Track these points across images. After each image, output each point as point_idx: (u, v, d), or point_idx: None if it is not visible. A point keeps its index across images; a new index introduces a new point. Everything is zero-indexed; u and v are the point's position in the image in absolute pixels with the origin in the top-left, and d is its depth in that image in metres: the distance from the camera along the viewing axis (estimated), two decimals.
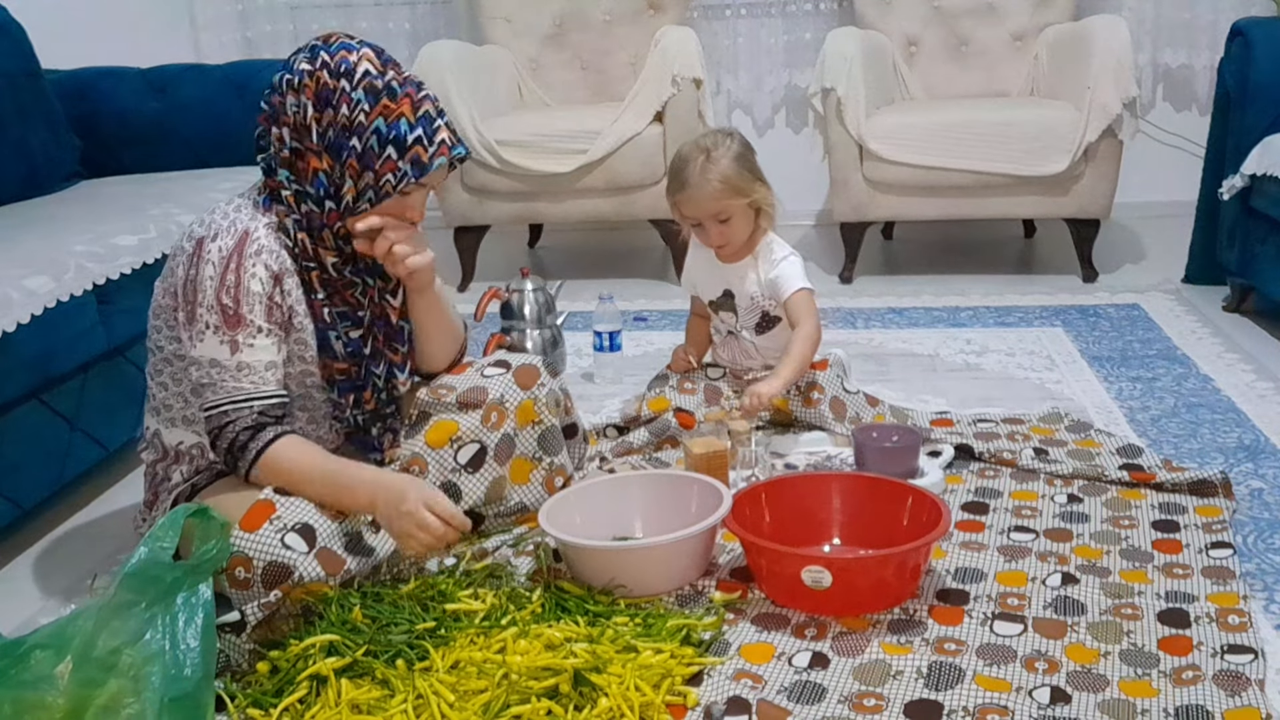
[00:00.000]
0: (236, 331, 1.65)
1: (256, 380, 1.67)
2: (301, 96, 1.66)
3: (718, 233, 2.27)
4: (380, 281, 1.81)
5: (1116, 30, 3.29)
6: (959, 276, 3.53)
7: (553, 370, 1.97)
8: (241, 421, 1.65)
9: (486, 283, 3.13)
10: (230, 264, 1.65)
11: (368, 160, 1.66)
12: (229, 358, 1.65)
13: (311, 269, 1.72)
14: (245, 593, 1.56)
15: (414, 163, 1.67)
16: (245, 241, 1.67)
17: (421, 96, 1.69)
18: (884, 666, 1.52)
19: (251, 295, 1.65)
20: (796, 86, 4.20)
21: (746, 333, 2.37)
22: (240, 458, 1.66)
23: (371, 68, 1.67)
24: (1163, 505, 1.94)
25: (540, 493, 1.93)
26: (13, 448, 1.94)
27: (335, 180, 1.68)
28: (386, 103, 1.66)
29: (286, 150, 1.68)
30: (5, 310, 1.86)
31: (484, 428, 1.85)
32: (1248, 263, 2.97)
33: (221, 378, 1.65)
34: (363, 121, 1.65)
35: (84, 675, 1.34)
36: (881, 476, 1.88)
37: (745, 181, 2.23)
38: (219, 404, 1.66)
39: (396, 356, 1.85)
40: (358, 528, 1.68)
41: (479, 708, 1.41)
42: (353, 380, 1.80)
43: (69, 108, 2.92)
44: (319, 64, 1.67)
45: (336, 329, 1.76)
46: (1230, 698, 1.42)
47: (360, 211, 1.69)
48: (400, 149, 1.66)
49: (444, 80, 3.40)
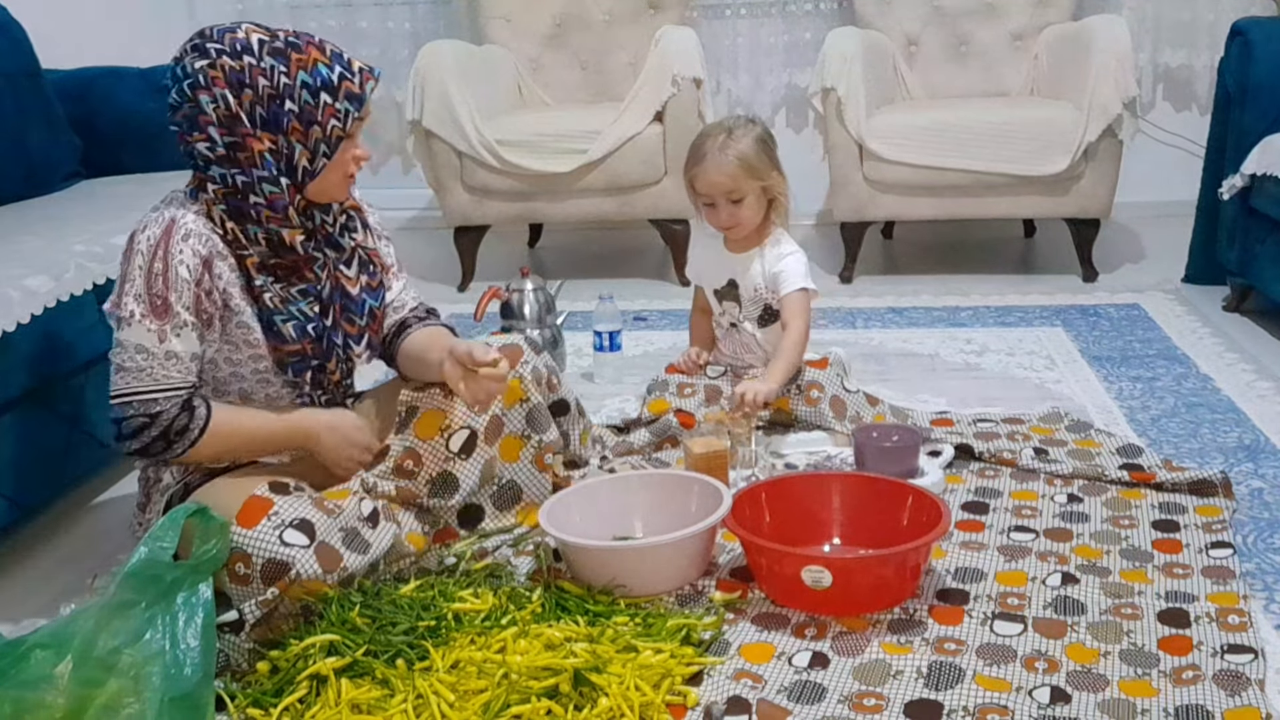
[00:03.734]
0: (164, 321, 1.66)
1: (183, 370, 1.69)
2: (215, 89, 1.66)
3: (729, 213, 2.29)
4: (333, 252, 1.82)
5: (1116, 30, 3.30)
6: (959, 276, 3.53)
7: (536, 348, 1.98)
8: (172, 409, 1.68)
9: (486, 282, 3.13)
10: (158, 251, 1.66)
11: (308, 116, 1.68)
12: (157, 345, 1.67)
13: (246, 255, 1.72)
14: (245, 589, 1.57)
15: (349, 98, 1.70)
16: (172, 228, 1.68)
17: (318, 41, 1.72)
18: (884, 666, 1.52)
19: (180, 282, 1.66)
20: (796, 86, 4.19)
21: (749, 324, 2.38)
22: (180, 439, 1.69)
23: (262, 35, 1.69)
24: (1163, 505, 1.94)
25: (530, 470, 1.93)
26: (13, 448, 1.94)
27: (283, 153, 1.69)
28: (296, 57, 1.68)
29: (220, 148, 1.68)
30: (5, 310, 1.86)
31: (471, 412, 1.85)
32: (1248, 262, 2.97)
33: (149, 364, 1.67)
34: (287, 83, 1.67)
35: (84, 675, 1.34)
36: (881, 476, 1.88)
37: (762, 165, 2.27)
38: (145, 392, 1.67)
39: (354, 329, 1.86)
40: (354, 524, 1.68)
41: (479, 707, 1.41)
42: (310, 357, 1.81)
43: (69, 108, 2.92)
44: (213, 54, 1.66)
45: (287, 311, 1.76)
46: (1230, 697, 1.42)
47: (320, 171, 1.71)
48: (332, 91, 1.68)
49: (444, 80, 3.40)
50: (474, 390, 1.77)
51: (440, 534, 1.86)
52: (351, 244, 1.86)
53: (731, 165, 2.25)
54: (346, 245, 1.84)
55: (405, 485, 1.81)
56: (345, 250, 1.84)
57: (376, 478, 1.81)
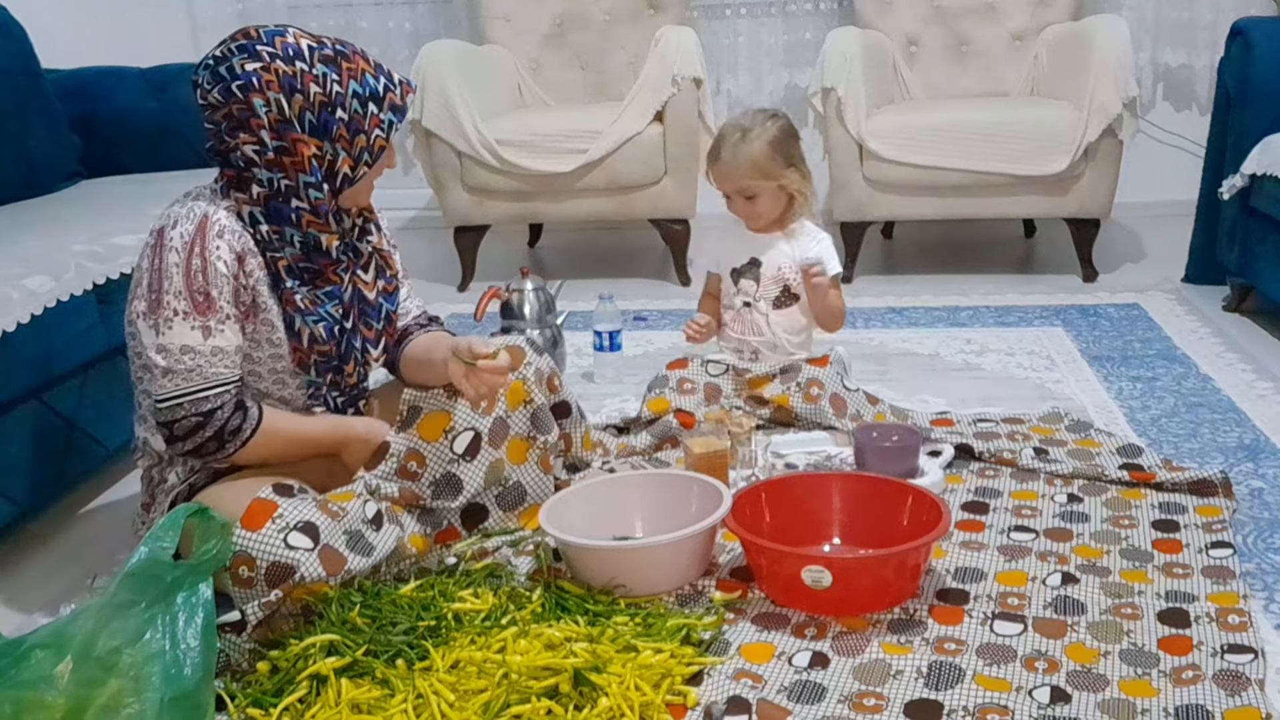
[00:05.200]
0: (208, 317, 1.66)
1: (230, 365, 1.69)
2: (269, 93, 1.66)
3: (743, 207, 2.38)
4: (351, 257, 1.83)
5: (1116, 30, 3.30)
6: (959, 276, 3.53)
7: (538, 349, 1.98)
8: (227, 406, 1.68)
9: (486, 282, 3.13)
10: (195, 248, 1.66)
11: (355, 125, 1.70)
12: (203, 343, 1.66)
13: (279, 258, 1.73)
14: (248, 591, 1.56)
15: (393, 109, 1.74)
16: (206, 224, 1.68)
17: (361, 50, 1.75)
18: (884, 666, 1.52)
19: (220, 277, 1.67)
20: (796, 86, 4.19)
21: (763, 304, 2.40)
22: (233, 439, 1.68)
23: (310, 40, 1.70)
24: (1163, 505, 1.94)
25: (536, 472, 1.93)
26: (13, 448, 1.94)
27: (328, 159, 1.70)
28: (346, 65, 1.70)
29: (270, 152, 1.68)
30: (5, 310, 1.86)
31: (475, 413, 1.85)
32: (1248, 262, 2.97)
33: (196, 363, 1.66)
34: (339, 90, 1.68)
35: (84, 675, 1.34)
36: (881, 476, 1.88)
37: (774, 166, 2.33)
38: (196, 391, 1.66)
39: (370, 332, 1.88)
40: (358, 526, 1.68)
41: (479, 707, 1.41)
42: (332, 358, 1.81)
43: (69, 108, 2.92)
44: (266, 57, 1.66)
45: (317, 312, 1.77)
46: (1230, 697, 1.42)
47: (360, 178, 1.74)
48: (378, 102, 1.72)
49: (444, 80, 3.40)
50: (476, 384, 1.78)
51: (442, 534, 1.86)
52: (369, 248, 1.87)
53: (742, 168, 2.33)
54: (365, 250, 1.86)
55: (408, 487, 1.81)
56: (363, 255, 1.85)
57: (380, 479, 1.81)
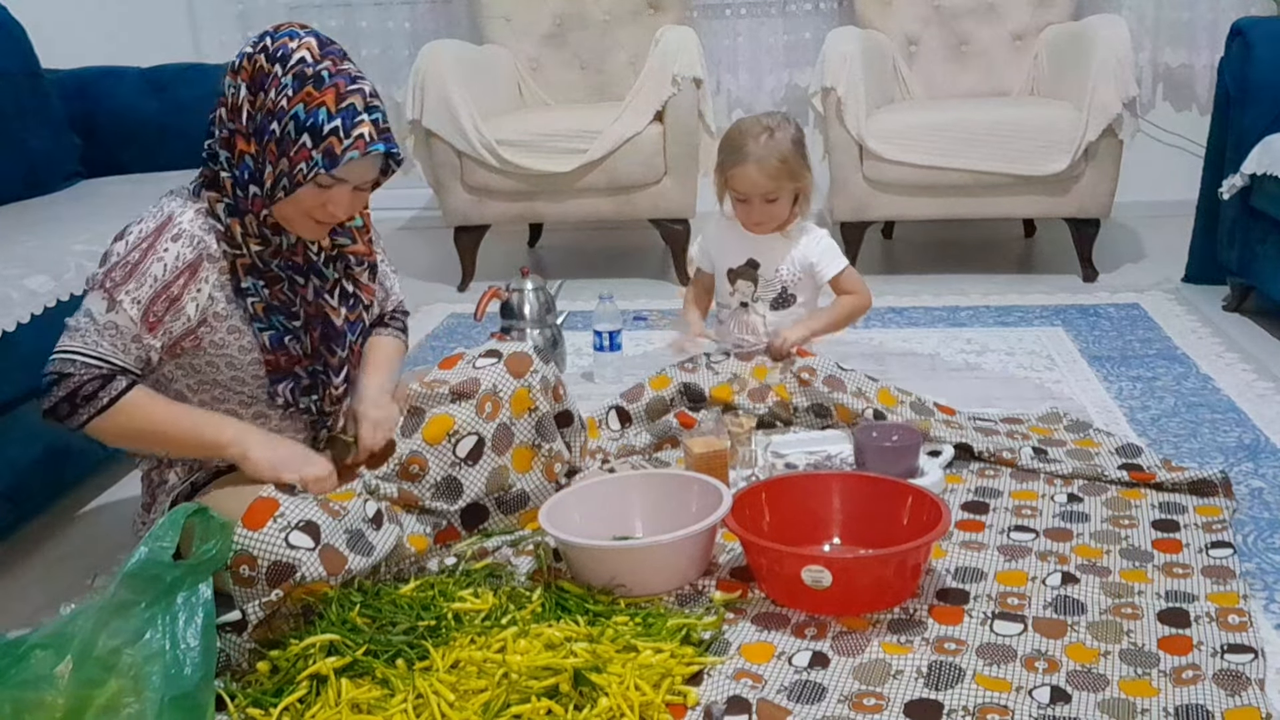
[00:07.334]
0: (117, 292, 1.65)
1: (117, 345, 1.66)
2: (239, 79, 1.68)
3: (762, 210, 2.33)
4: (316, 280, 1.81)
5: (1116, 30, 3.30)
6: (959, 276, 3.53)
7: (544, 356, 1.98)
8: (91, 372, 1.65)
9: (486, 282, 3.12)
10: (144, 243, 1.67)
11: (284, 146, 1.66)
12: (102, 314, 1.66)
13: (238, 256, 1.72)
14: (249, 590, 1.56)
15: (326, 153, 1.64)
16: (166, 226, 1.68)
17: (352, 89, 1.66)
18: (884, 666, 1.52)
19: (148, 275, 1.66)
20: (796, 86, 4.19)
21: (761, 305, 2.39)
22: (85, 405, 1.65)
23: (309, 55, 1.66)
24: (1163, 505, 1.94)
25: (540, 480, 1.92)
26: (13, 448, 1.94)
27: (259, 165, 1.69)
28: (310, 90, 1.65)
29: (225, 131, 1.70)
30: (5, 310, 1.86)
31: (479, 418, 1.85)
32: (1248, 262, 2.97)
33: (85, 328, 1.66)
34: (284, 106, 1.65)
35: (84, 675, 1.34)
36: (881, 476, 1.88)
37: (800, 167, 2.32)
38: (70, 351, 1.65)
39: (334, 359, 1.84)
40: (358, 525, 1.68)
41: (479, 707, 1.41)
42: (289, 374, 1.80)
43: (69, 108, 2.92)
44: (259, 49, 1.68)
45: (268, 320, 1.75)
46: (1230, 697, 1.42)
47: (278, 200, 1.68)
48: (315, 138, 1.64)
49: (444, 80, 3.40)
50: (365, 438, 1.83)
51: (442, 534, 1.86)
52: (335, 276, 1.83)
53: (775, 166, 2.28)
54: (330, 276, 1.82)
55: (409, 488, 1.81)
56: (328, 280, 1.82)
57: (380, 479, 1.81)
